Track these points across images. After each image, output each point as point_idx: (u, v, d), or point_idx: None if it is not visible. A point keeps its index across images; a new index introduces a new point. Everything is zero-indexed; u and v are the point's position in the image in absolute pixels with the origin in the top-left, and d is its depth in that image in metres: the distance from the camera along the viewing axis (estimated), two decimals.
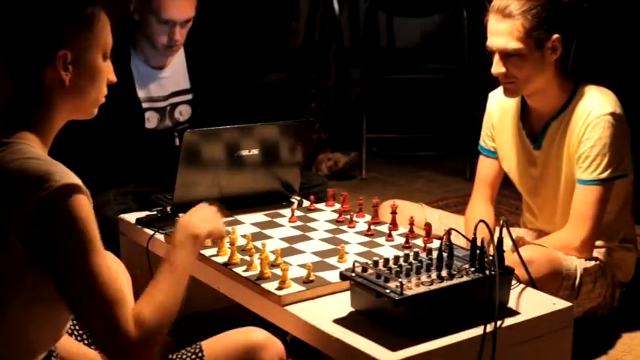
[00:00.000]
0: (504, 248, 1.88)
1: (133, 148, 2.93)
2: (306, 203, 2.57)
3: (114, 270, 1.56)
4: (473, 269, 1.85)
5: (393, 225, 2.33)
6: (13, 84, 1.65)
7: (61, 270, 1.52)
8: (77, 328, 1.96)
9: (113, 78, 1.72)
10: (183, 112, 3.01)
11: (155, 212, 2.49)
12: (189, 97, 3.02)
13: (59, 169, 1.54)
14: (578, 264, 2.41)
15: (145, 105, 2.92)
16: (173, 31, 2.81)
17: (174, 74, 2.98)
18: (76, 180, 1.53)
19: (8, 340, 1.58)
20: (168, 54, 2.91)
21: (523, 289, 1.99)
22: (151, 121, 2.95)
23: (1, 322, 1.57)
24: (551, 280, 2.29)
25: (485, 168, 2.73)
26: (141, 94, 2.91)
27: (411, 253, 1.90)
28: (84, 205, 1.52)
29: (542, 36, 2.36)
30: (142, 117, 2.91)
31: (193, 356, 1.74)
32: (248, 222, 2.40)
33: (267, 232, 2.32)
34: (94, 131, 2.46)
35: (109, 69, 1.70)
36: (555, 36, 2.37)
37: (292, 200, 2.59)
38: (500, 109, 2.65)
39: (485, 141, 2.71)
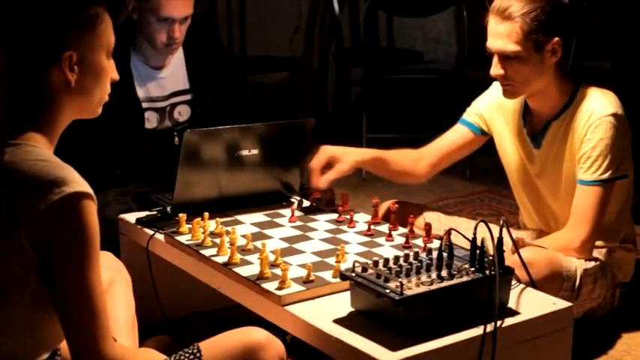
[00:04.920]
0: (504, 248, 1.88)
1: (132, 148, 2.93)
2: (306, 203, 2.57)
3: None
4: (473, 269, 1.85)
5: (393, 225, 2.33)
6: (17, 85, 1.65)
7: (59, 273, 1.54)
8: None
9: (116, 76, 1.73)
10: (183, 113, 3.01)
11: (155, 212, 2.49)
12: (188, 97, 3.01)
13: (71, 174, 1.56)
14: (578, 265, 2.41)
15: (144, 105, 2.91)
16: (172, 28, 2.81)
17: (174, 74, 2.98)
18: (87, 188, 1.55)
19: (14, 339, 1.59)
20: (168, 53, 2.90)
21: (523, 289, 1.98)
22: (151, 121, 2.94)
23: (6, 321, 1.58)
24: (552, 282, 2.28)
25: (453, 132, 2.68)
26: (140, 94, 2.90)
27: (411, 253, 1.90)
28: (93, 214, 1.55)
29: (541, 39, 2.34)
30: (141, 117, 2.91)
31: (191, 357, 1.74)
32: (248, 222, 2.40)
33: (267, 232, 2.32)
34: (94, 131, 2.46)
35: (112, 67, 1.71)
36: (555, 39, 2.36)
37: (292, 200, 2.59)
38: (500, 105, 2.62)
39: (469, 114, 2.68)
